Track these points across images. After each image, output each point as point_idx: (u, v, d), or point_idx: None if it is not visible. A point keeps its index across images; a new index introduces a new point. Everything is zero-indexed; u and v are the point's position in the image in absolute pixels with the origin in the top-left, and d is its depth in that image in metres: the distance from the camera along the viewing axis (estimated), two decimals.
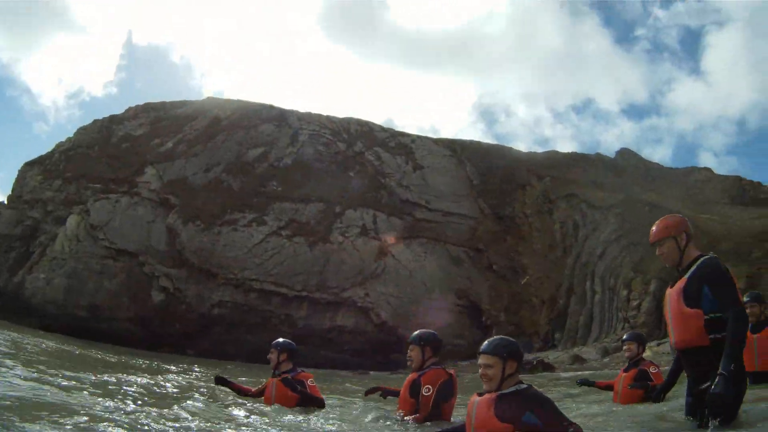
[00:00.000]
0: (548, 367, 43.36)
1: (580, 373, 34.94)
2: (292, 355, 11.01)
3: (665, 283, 51.34)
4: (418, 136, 78.87)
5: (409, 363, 9.21)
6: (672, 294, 6.90)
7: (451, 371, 9.13)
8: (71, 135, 73.20)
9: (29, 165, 70.04)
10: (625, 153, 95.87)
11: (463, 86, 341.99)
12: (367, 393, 11.62)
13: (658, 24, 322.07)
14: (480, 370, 6.44)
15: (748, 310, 9.11)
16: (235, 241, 61.70)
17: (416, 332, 9.37)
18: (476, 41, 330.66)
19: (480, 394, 6.48)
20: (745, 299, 10.16)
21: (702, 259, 6.73)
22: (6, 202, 68.73)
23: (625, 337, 12.17)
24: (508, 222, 69.68)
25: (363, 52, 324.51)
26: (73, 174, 66.85)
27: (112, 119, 73.89)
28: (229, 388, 12.19)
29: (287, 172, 68.77)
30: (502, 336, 7.11)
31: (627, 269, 56.66)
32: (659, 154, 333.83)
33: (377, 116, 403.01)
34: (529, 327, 61.32)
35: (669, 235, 6.94)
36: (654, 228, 7.16)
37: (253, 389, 11.72)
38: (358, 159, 72.55)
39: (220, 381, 12.05)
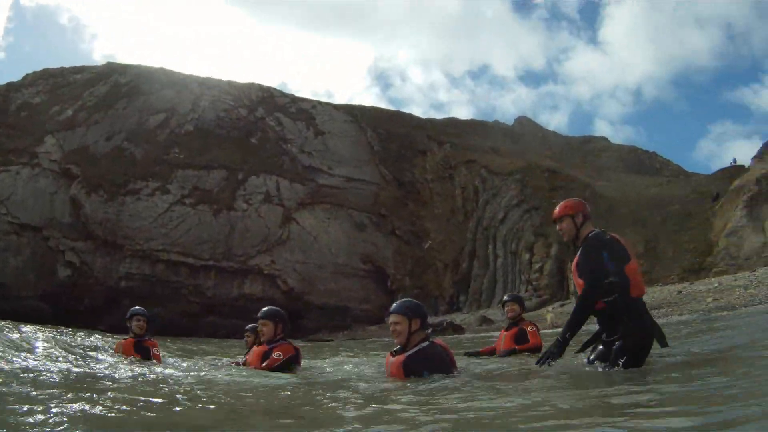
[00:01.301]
0: (458, 329, 44.76)
1: (487, 334, 36.33)
2: None
3: (566, 246, 53.50)
4: (319, 102, 79.15)
5: (261, 337, 9.52)
6: (572, 267, 7.77)
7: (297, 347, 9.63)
8: None
9: None
10: (523, 120, 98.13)
11: (358, 50, 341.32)
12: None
13: None
14: (390, 327, 7.49)
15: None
16: (139, 211, 61.40)
17: (267, 309, 9.62)
18: (372, 3, 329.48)
19: (392, 354, 7.64)
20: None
21: (589, 235, 7.49)
22: None
23: (505, 298, 12.43)
24: (410, 187, 70.81)
25: (258, 14, 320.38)
26: None
27: (9, 87, 71.67)
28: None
29: (189, 139, 68.32)
30: (408, 298, 8.19)
31: (529, 233, 58.52)
32: (556, 121, 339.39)
33: (272, 80, 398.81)
34: (435, 290, 62.83)
35: (567, 214, 7.71)
36: (557, 208, 7.97)
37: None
38: (260, 125, 72.52)
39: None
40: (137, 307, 13.14)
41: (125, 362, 11.46)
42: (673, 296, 36.59)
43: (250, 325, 13.04)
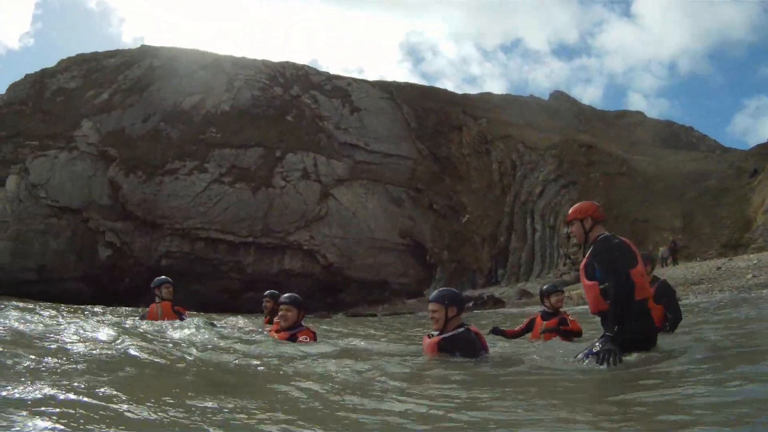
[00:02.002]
0: (498, 302, 44.58)
1: (529, 308, 36.18)
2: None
3: (606, 222, 53.40)
4: (354, 79, 79.09)
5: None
6: (580, 267, 8.05)
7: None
8: None
9: None
10: (558, 95, 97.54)
11: (389, 24, 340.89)
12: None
13: None
14: (429, 314, 8.16)
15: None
16: (177, 190, 61.69)
17: (290, 295, 9.73)
18: None
19: (429, 336, 8.24)
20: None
21: (597, 239, 7.76)
22: None
23: (550, 288, 12.31)
24: (446, 162, 70.53)
25: None
26: (8, 133, 65.38)
27: (44, 73, 72.23)
28: None
29: (225, 119, 68.47)
30: (446, 287, 9.05)
31: (566, 207, 57.80)
32: (590, 95, 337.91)
33: (303, 57, 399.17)
34: (472, 263, 62.59)
35: (576, 218, 8.02)
36: (570, 210, 8.24)
37: None
38: (295, 103, 72.47)
39: None
40: (163, 276, 14.06)
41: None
42: (712, 272, 36.07)
43: (268, 292, 14.00)
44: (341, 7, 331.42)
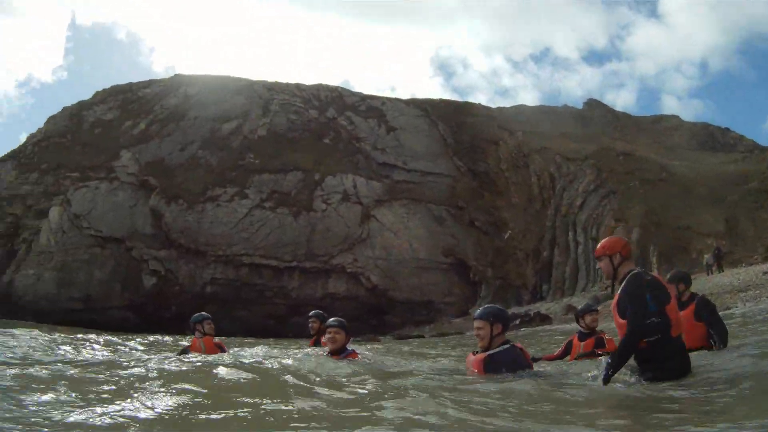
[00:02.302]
0: (545, 319, 44.30)
1: (575, 324, 35.72)
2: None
3: (647, 230, 52.48)
4: (388, 98, 79.35)
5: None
6: (612, 306, 7.85)
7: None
8: (27, 125, 72.73)
9: (2, 161, 69.02)
10: (592, 103, 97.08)
11: (418, 40, 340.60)
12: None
13: None
14: (474, 332, 8.21)
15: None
16: (219, 217, 61.93)
17: (339, 318, 9.81)
18: None
19: (474, 353, 8.27)
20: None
21: (628, 275, 7.55)
22: None
23: (586, 307, 12.27)
24: (485, 178, 70.37)
25: (314, 7, 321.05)
26: (49, 165, 66.28)
27: (81, 105, 73.19)
28: None
29: (262, 144, 68.79)
30: (491, 304, 9.03)
31: (608, 218, 57.78)
32: (623, 100, 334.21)
33: (335, 77, 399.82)
34: (516, 279, 62.27)
35: (605, 254, 7.82)
36: (598, 246, 8.12)
37: None
38: (331, 125, 72.74)
39: None
40: (203, 312, 14.41)
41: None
42: (758, 277, 35.41)
43: (313, 312, 14.28)
44: (370, 24, 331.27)
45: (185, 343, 14.49)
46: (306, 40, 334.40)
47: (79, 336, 25.65)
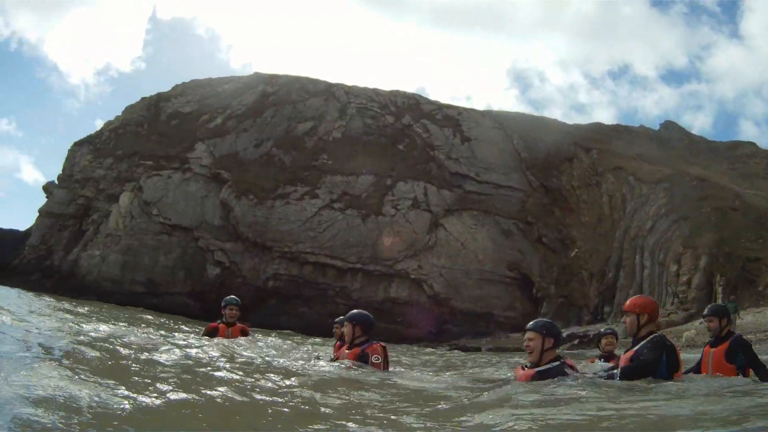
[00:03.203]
0: None
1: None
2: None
3: (716, 258, 51.50)
4: (465, 109, 79.14)
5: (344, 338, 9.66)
6: (626, 356, 8.14)
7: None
8: (102, 112, 74.77)
9: (78, 145, 70.98)
10: (669, 125, 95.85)
11: (496, 51, 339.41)
12: None
13: None
14: (525, 343, 8.06)
15: (707, 325, 9.86)
16: (288, 214, 62.49)
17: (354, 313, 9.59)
18: (508, 5, 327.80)
19: (523, 367, 8.12)
20: (705, 312, 10.38)
21: (651, 335, 7.93)
22: (57, 182, 69.31)
23: (603, 331, 13.09)
24: (556, 194, 69.73)
25: (393, 14, 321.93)
26: (124, 152, 67.76)
27: (160, 97, 74.57)
28: None
29: (337, 146, 69.26)
30: (545, 318, 8.97)
31: (677, 244, 56.66)
32: (699, 122, 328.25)
33: (411, 83, 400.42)
34: (579, 299, 61.53)
35: (634, 311, 8.10)
36: (628, 301, 8.43)
37: None
38: (407, 132, 72.86)
39: None
40: (232, 296, 14.91)
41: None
42: None
43: (339, 318, 13.63)
44: (448, 32, 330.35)
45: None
46: (383, 46, 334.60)
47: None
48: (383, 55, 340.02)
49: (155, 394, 5.83)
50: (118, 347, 8.90)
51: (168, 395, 5.96)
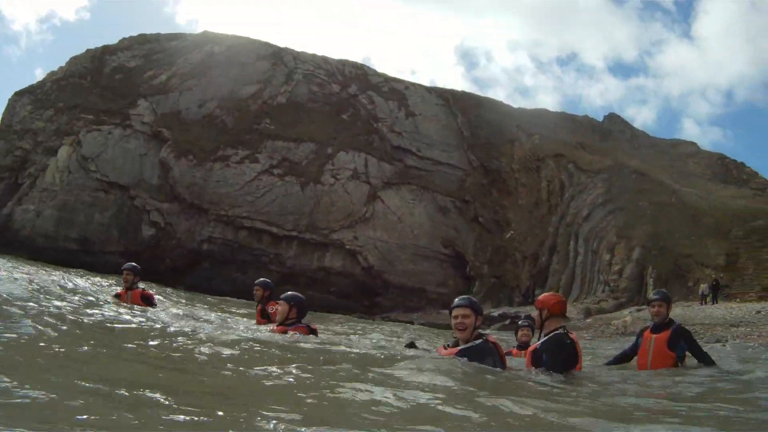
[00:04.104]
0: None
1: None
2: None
3: (649, 251, 52.38)
4: (412, 83, 79.17)
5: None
6: (528, 352, 8.48)
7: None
8: (43, 60, 73.38)
9: (19, 94, 69.32)
10: (612, 117, 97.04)
11: (446, 27, 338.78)
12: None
13: None
14: (456, 320, 7.47)
15: (654, 309, 9.86)
16: (227, 177, 62.09)
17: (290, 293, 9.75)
18: None
19: (446, 346, 7.84)
20: (652, 296, 10.46)
21: (552, 334, 8.13)
22: None
23: (522, 323, 13.03)
24: (495, 176, 70.35)
25: None
26: (65, 104, 66.47)
27: (105, 50, 73.06)
28: None
29: (281, 111, 68.78)
30: (468, 296, 8.35)
31: (611, 233, 57.62)
32: (643, 116, 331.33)
33: (355, 54, 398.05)
34: (512, 280, 62.27)
35: (537, 307, 8.41)
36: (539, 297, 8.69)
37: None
38: (352, 102, 72.74)
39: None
40: (131, 263, 15.08)
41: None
42: (751, 315, 35.24)
43: (259, 280, 14.10)
44: (400, 3, 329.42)
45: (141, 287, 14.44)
46: (331, 12, 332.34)
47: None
48: (331, 21, 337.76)
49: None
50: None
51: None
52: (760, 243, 53.46)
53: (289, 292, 9.97)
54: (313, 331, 9.66)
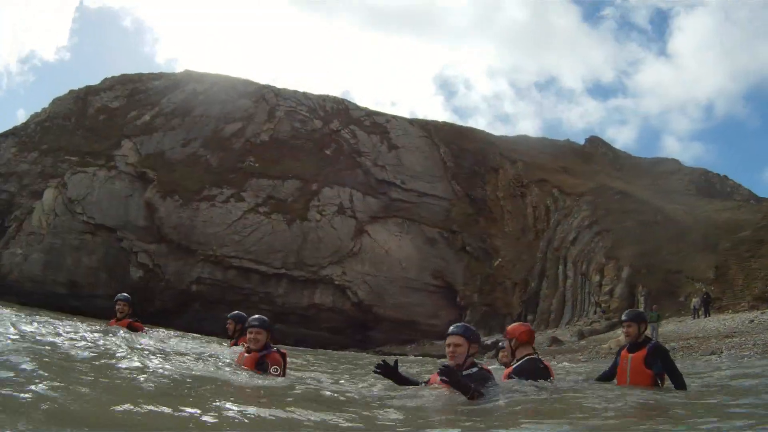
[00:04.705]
0: None
1: (559, 356, 36.19)
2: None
3: (638, 270, 52.64)
4: (393, 116, 79.70)
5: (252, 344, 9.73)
6: (505, 374, 8.69)
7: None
8: (25, 102, 73.09)
9: (2, 136, 69.15)
10: (593, 140, 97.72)
11: (424, 57, 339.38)
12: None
13: (627, 3, 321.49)
14: (449, 349, 7.55)
15: (625, 330, 9.74)
16: (213, 217, 62.16)
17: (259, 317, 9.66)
18: (441, 9, 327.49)
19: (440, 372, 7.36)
20: (622, 317, 10.44)
21: (525, 358, 8.69)
22: None
23: (501, 344, 12.82)
24: (481, 204, 70.83)
25: (324, 14, 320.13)
26: (50, 146, 66.49)
27: (88, 90, 73.36)
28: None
29: (264, 149, 69.16)
30: (466, 323, 8.37)
31: (599, 255, 57.87)
32: (624, 136, 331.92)
33: (335, 88, 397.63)
34: (503, 308, 62.39)
35: (506, 337, 9.08)
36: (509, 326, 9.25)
37: None
38: (334, 137, 73.07)
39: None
40: (123, 294, 15.38)
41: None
42: (744, 325, 35.72)
43: (231, 314, 14.10)
44: (378, 34, 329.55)
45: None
46: (311, 46, 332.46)
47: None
48: (311, 56, 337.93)
49: None
50: None
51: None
52: (748, 253, 53.87)
53: (260, 317, 9.72)
54: (284, 356, 9.60)
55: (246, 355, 9.70)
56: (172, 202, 62.21)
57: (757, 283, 50.20)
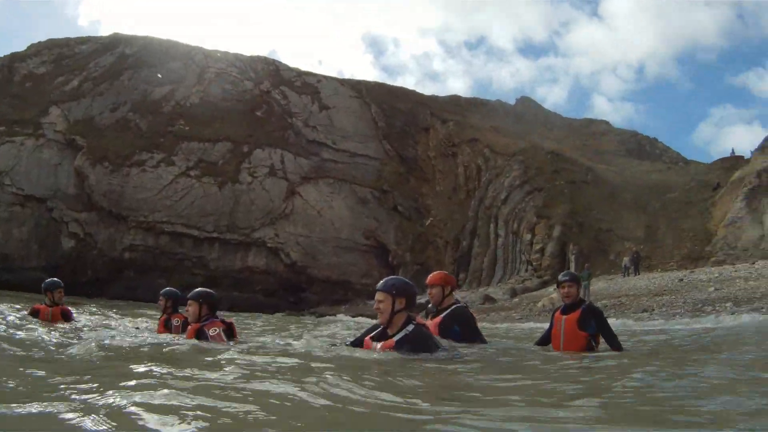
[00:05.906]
0: None
1: (493, 313, 37.02)
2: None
3: (569, 228, 53.53)
4: (324, 76, 79.43)
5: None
6: (434, 325, 8.54)
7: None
8: None
9: None
10: (524, 100, 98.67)
11: (352, 15, 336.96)
12: None
13: None
14: (374, 305, 7.33)
15: (564, 291, 9.47)
16: (144, 182, 61.70)
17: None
18: None
19: (373, 338, 7.45)
20: (561, 278, 10.37)
21: (455, 306, 8.84)
22: None
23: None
24: (412, 164, 71.21)
25: None
26: None
27: (14, 57, 71.45)
28: None
29: (195, 111, 68.62)
30: (398, 276, 8.39)
31: (531, 214, 58.62)
32: (554, 96, 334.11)
33: (261, 47, 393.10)
34: (435, 266, 62.46)
35: (439, 284, 8.98)
36: (430, 276, 9.31)
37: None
38: (265, 98, 72.81)
39: None
40: (56, 279, 14.82)
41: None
42: (674, 284, 36.66)
43: (163, 290, 13.90)
44: None
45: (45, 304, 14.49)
46: (236, 3, 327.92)
47: None
48: (236, 15, 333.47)
49: None
50: None
51: None
52: (677, 214, 54.91)
53: (196, 290, 9.69)
54: (230, 325, 9.51)
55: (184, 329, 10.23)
56: (101, 168, 61.40)
57: (686, 243, 51.35)
